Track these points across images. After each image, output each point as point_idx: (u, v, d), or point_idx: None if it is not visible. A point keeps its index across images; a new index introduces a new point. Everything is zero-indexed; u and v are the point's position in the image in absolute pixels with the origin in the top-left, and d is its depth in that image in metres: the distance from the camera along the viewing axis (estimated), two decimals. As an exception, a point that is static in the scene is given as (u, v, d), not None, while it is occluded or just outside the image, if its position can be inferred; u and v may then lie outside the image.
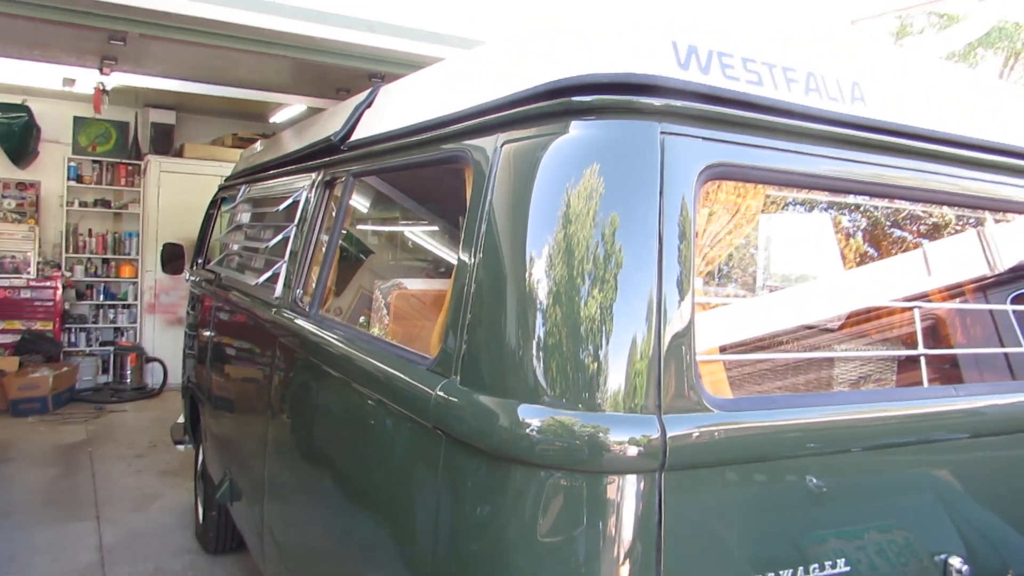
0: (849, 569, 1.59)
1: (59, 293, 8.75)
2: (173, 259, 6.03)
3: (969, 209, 2.16)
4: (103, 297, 9.49)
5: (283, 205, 3.20)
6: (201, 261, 5.50)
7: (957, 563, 1.71)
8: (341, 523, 2.25)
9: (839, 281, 2.12)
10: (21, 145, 8.66)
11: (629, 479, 1.39)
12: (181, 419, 5.50)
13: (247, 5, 4.34)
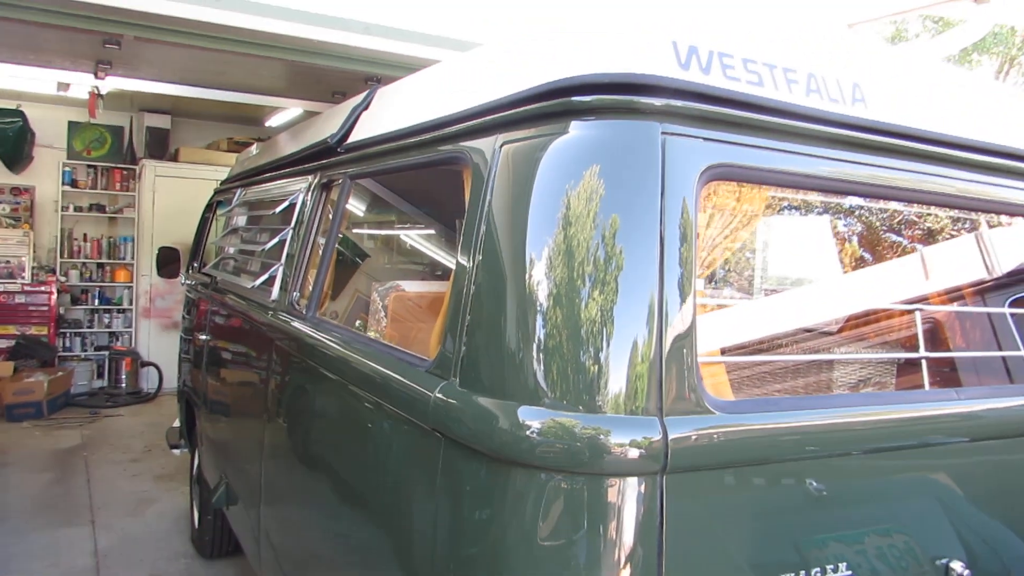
0: (851, 573, 1.58)
1: (54, 298, 8.72)
2: (169, 263, 6.02)
3: (970, 212, 2.15)
4: (98, 301, 9.46)
5: (279, 208, 3.18)
6: (197, 265, 5.47)
7: (958, 567, 1.70)
8: (338, 527, 2.23)
9: (840, 284, 2.11)
10: (16, 150, 8.63)
11: (630, 482, 1.38)
12: (177, 423, 5.49)
13: (243, 8, 4.32)
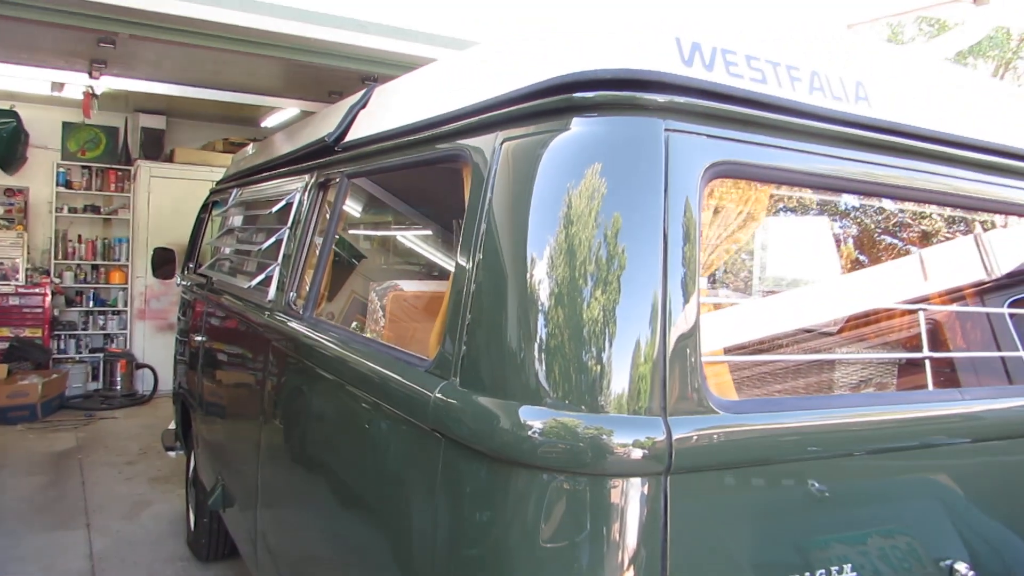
0: (855, 575, 1.56)
1: (48, 300, 8.68)
2: (164, 264, 5.98)
3: (973, 211, 2.14)
4: (93, 303, 9.42)
5: (276, 208, 3.16)
6: (192, 266, 5.45)
7: (963, 568, 1.69)
8: (337, 529, 2.21)
9: (842, 283, 2.10)
10: (9, 151, 8.58)
11: (633, 482, 1.36)
12: (172, 425, 5.46)
13: (239, 5, 4.30)
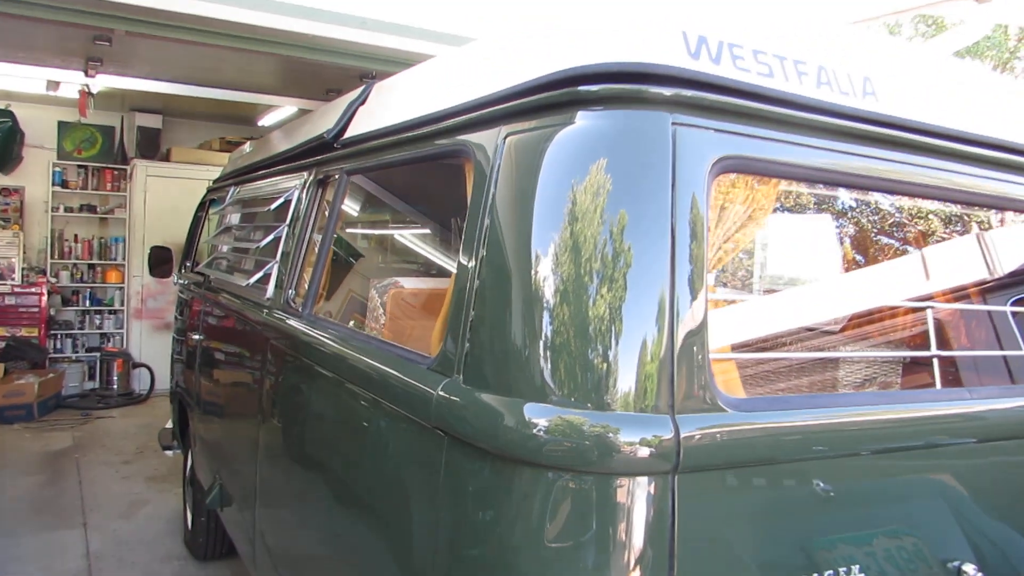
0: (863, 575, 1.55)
1: (44, 299, 8.63)
2: (161, 263, 5.95)
3: (983, 208, 2.13)
4: (89, 303, 9.38)
5: (274, 205, 3.14)
6: (189, 264, 5.42)
7: (971, 570, 1.66)
8: (337, 528, 2.19)
9: (848, 281, 2.08)
10: (5, 150, 8.53)
11: (640, 481, 1.33)
12: (169, 424, 5.44)
13: (236, 2, 4.27)
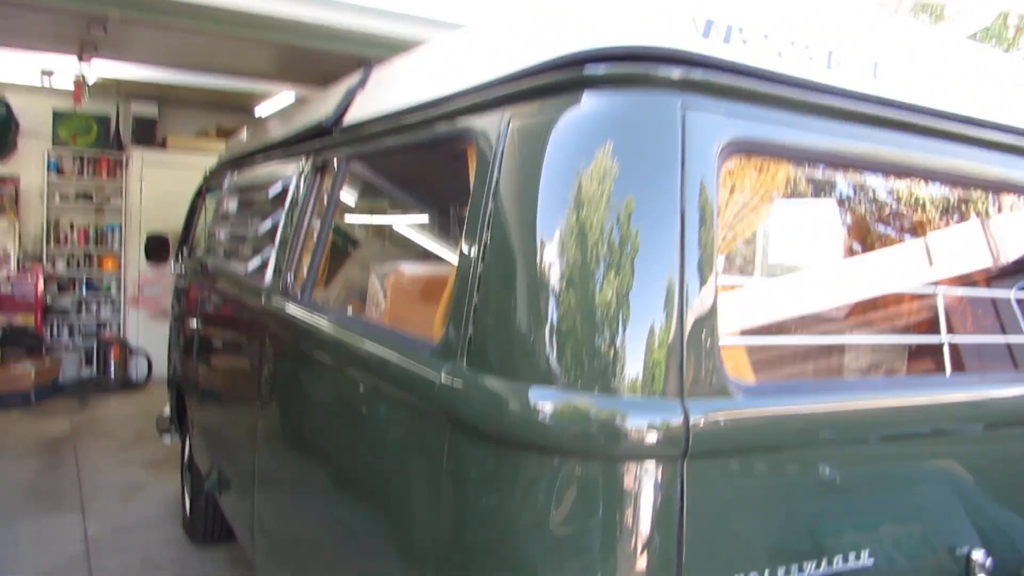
0: (873, 562, 1.53)
1: (40, 287, 8.60)
2: (158, 250, 5.93)
3: (994, 193, 2.11)
4: (86, 290, 9.35)
5: (272, 191, 3.11)
6: (187, 251, 5.40)
7: (979, 557, 1.65)
8: (336, 514, 2.18)
9: (855, 266, 2.06)
10: (0, 139, 8.50)
11: (649, 467, 1.32)
12: (167, 410, 5.43)
13: (232, -13, 4.24)
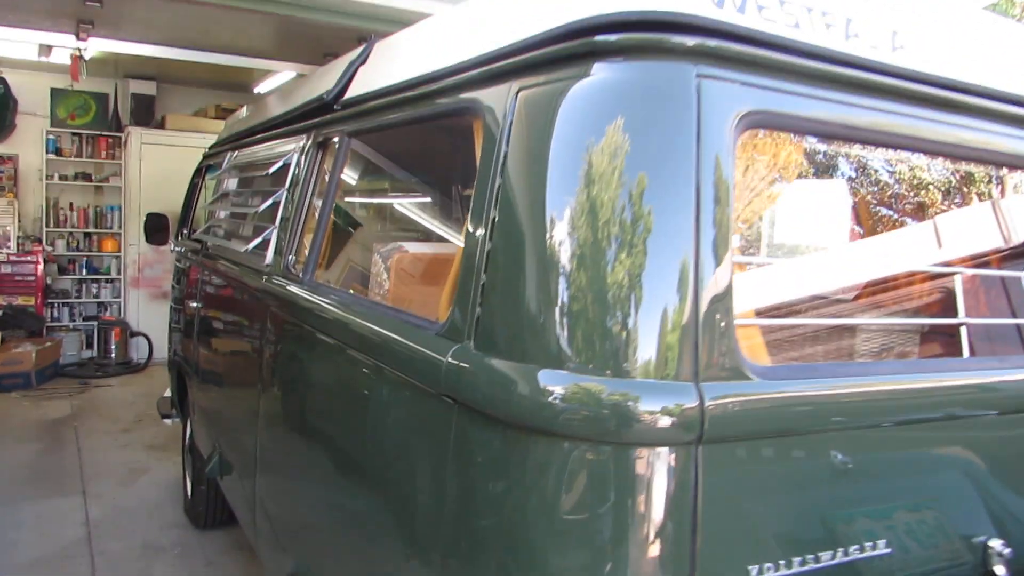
0: (891, 550, 1.49)
1: (40, 268, 8.58)
2: (157, 230, 5.88)
3: (1014, 169, 2.06)
4: (86, 271, 9.33)
5: (272, 169, 3.06)
6: (186, 231, 5.35)
7: (997, 546, 1.61)
8: (338, 497, 2.14)
9: (869, 246, 2.02)
10: (-2, 118, 8.45)
11: (662, 452, 1.27)
12: (167, 393, 5.40)
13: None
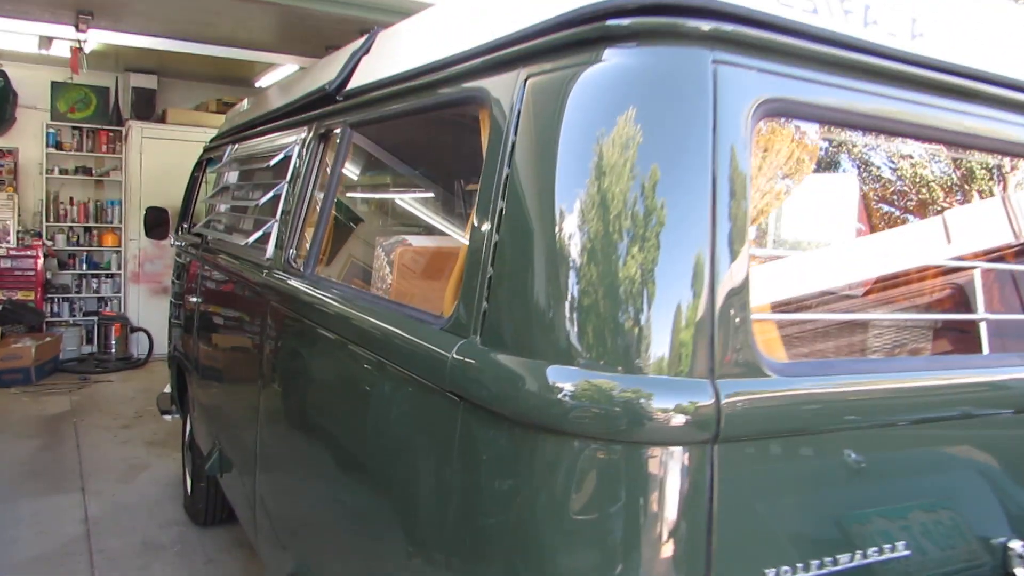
0: (910, 552, 1.44)
1: (40, 262, 8.53)
2: (157, 224, 5.83)
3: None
4: (86, 266, 9.29)
5: (274, 162, 3.01)
6: (187, 225, 5.30)
7: (1018, 547, 1.57)
8: (340, 496, 2.10)
9: (884, 240, 1.97)
10: (-2, 111, 8.40)
11: (676, 452, 1.22)
12: (167, 389, 5.36)
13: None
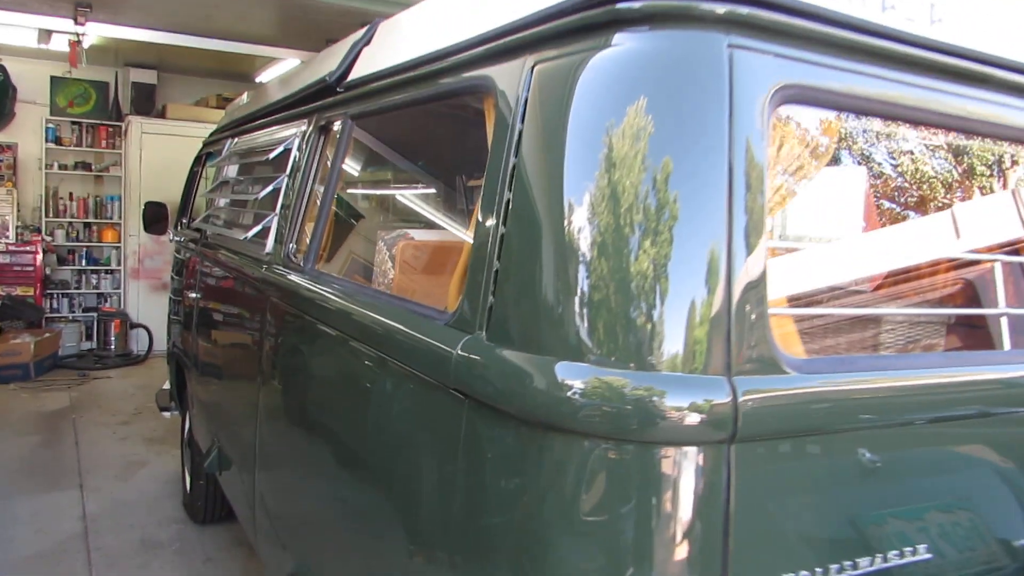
0: (931, 556, 1.40)
1: (39, 258, 8.49)
2: (156, 219, 5.79)
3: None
4: (85, 262, 9.24)
5: (273, 155, 2.97)
6: (186, 220, 5.26)
7: None
8: (340, 494, 2.06)
9: (900, 233, 1.93)
10: (-3, 106, 8.36)
11: (690, 452, 1.17)
12: (167, 385, 5.32)
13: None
